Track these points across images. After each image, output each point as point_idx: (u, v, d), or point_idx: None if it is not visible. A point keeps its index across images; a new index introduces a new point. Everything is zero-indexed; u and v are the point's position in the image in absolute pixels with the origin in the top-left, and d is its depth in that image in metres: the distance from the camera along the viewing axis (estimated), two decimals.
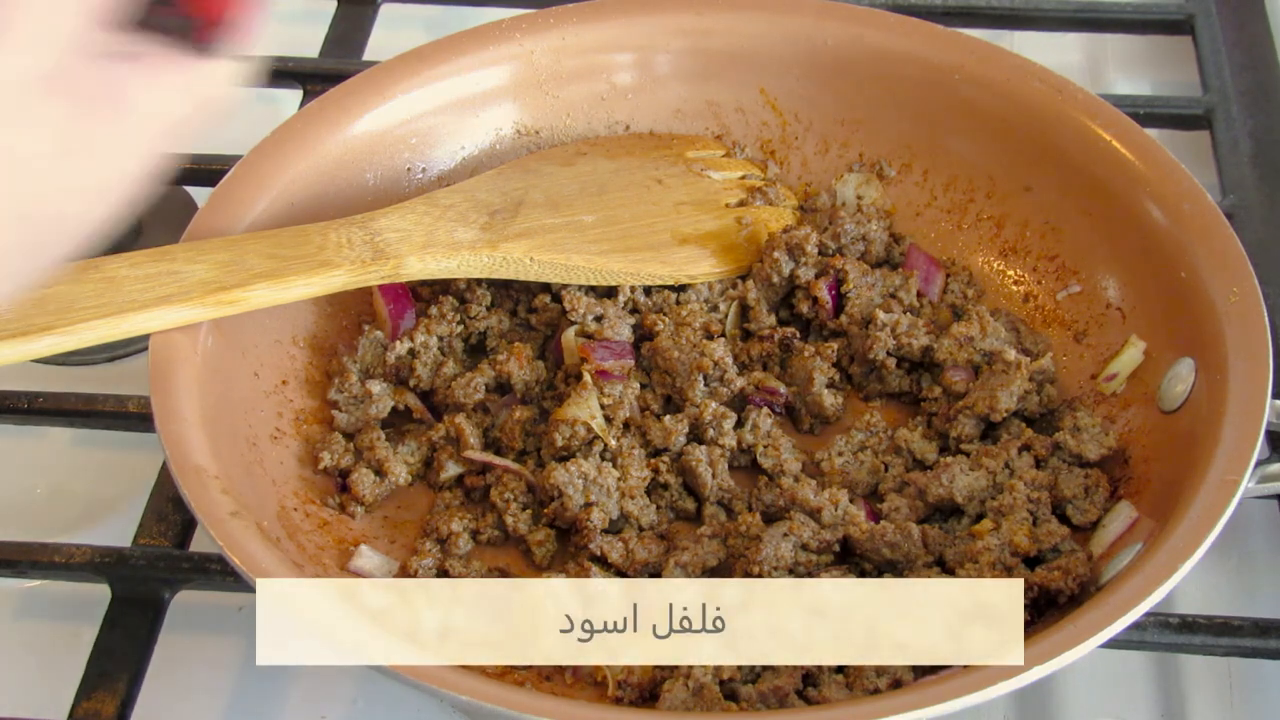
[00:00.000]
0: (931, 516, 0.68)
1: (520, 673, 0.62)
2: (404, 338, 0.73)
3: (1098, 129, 0.74)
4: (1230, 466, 0.59)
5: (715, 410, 0.70)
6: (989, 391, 0.69)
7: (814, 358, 0.73)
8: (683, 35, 0.82)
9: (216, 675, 0.68)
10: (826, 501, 0.66)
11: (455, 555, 0.67)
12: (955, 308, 0.76)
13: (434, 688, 0.52)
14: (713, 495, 0.69)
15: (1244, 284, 0.66)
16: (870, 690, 0.59)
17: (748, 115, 0.84)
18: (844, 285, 0.75)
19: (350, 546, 0.67)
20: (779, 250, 0.75)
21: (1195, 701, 0.65)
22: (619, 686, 0.61)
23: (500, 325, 0.75)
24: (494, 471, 0.69)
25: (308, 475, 0.69)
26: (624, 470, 0.68)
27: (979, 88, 0.78)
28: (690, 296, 0.76)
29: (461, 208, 0.73)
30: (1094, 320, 0.74)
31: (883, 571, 0.65)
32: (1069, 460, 0.68)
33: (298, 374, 0.72)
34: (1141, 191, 0.72)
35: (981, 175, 0.79)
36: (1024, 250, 0.78)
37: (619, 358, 0.71)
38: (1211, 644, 0.63)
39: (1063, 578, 0.61)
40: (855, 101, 0.82)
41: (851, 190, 0.82)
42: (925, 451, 0.70)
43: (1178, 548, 0.56)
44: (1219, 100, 0.89)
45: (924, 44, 0.80)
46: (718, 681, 0.59)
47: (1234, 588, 0.70)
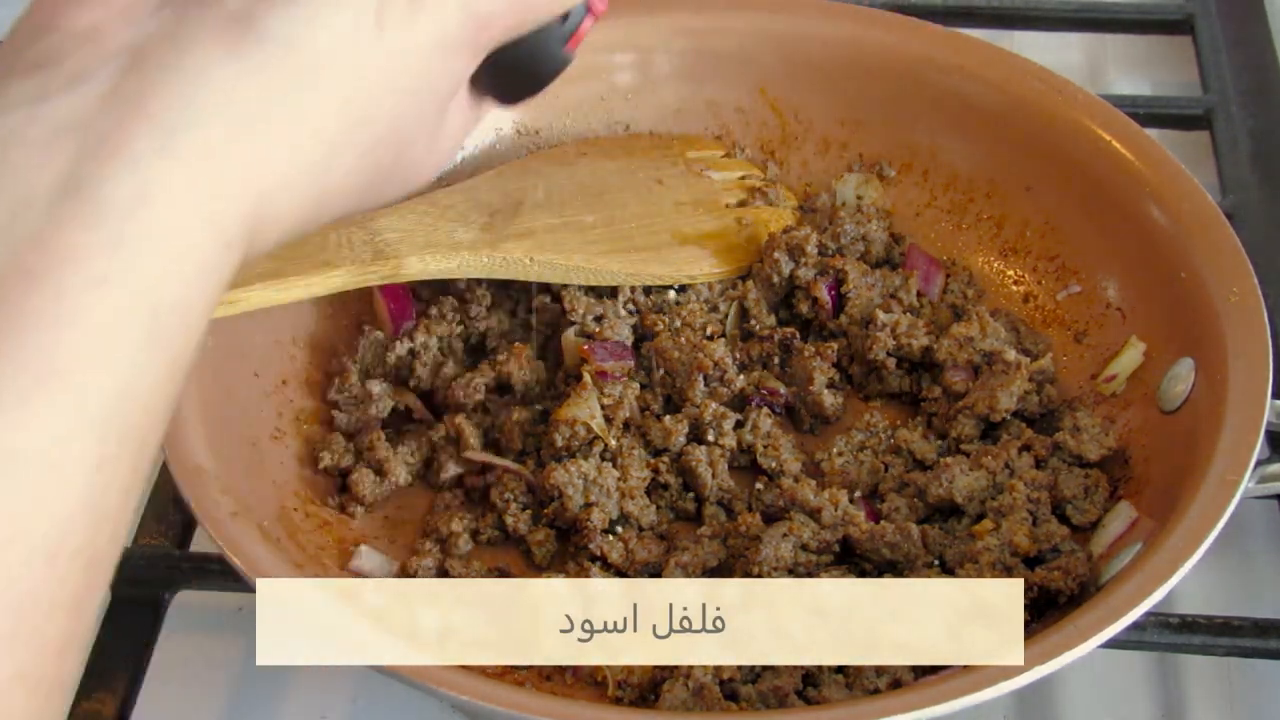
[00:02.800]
0: (931, 516, 0.68)
1: (520, 673, 0.62)
2: (404, 338, 0.73)
3: (1098, 129, 0.74)
4: (1230, 466, 0.59)
5: (715, 410, 0.70)
6: (989, 392, 0.69)
7: (814, 358, 0.73)
8: (683, 35, 0.82)
9: (216, 675, 0.67)
10: (826, 501, 0.66)
11: (455, 555, 0.67)
12: (955, 308, 0.76)
13: (434, 688, 0.52)
14: (713, 495, 0.69)
15: (1244, 284, 0.66)
16: (870, 690, 0.59)
17: (748, 115, 0.84)
18: (844, 285, 0.75)
19: (350, 546, 0.67)
20: (779, 250, 0.75)
21: (1195, 701, 0.65)
22: (619, 686, 0.61)
23: (500, 325, 0.75)
24: (494, 471, 0.69)
25: (308, 475, 0.69)
26: (624, 470, 0.68)
27: (979, 88, 0.78)
28: (690, 296, 0.76)
29: (461, 208, 0.73)
30: (1094, 320, 0.74)
31: (883, 571, 0.65)
32: (1069, 460, 0.68)
33: (298, 374, 0.72)
34: (1141, 191, 0.72)
35: (981, 175, 0.79)
36: (1024, 250, 0.78)
37: (619, 358, 0.71)
38: (1211, 644, 0.63)
39: (1063, 578, 0.61)
40: (855, 101, 0.82)
41: (851, 190, 0.82)
42: (925, 451, 0.70)
43: (1178, 548, 0.56)
44: (1219, 100, 0.89)
45: (924, 44, 0.80)
46: (718, 681, 0.59)
47: (1234, 588, 0.70)
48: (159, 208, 0.39)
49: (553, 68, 0.53)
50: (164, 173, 0.39)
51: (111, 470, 0.38)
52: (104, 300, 0.37)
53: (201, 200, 0.40)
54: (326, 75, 0.44)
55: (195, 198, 0.40)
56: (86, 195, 0.38)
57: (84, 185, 0.38)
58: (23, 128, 0.39)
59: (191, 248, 0.40)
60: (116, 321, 0.38)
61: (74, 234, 0.37)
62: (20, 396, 0.35)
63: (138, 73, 0.41)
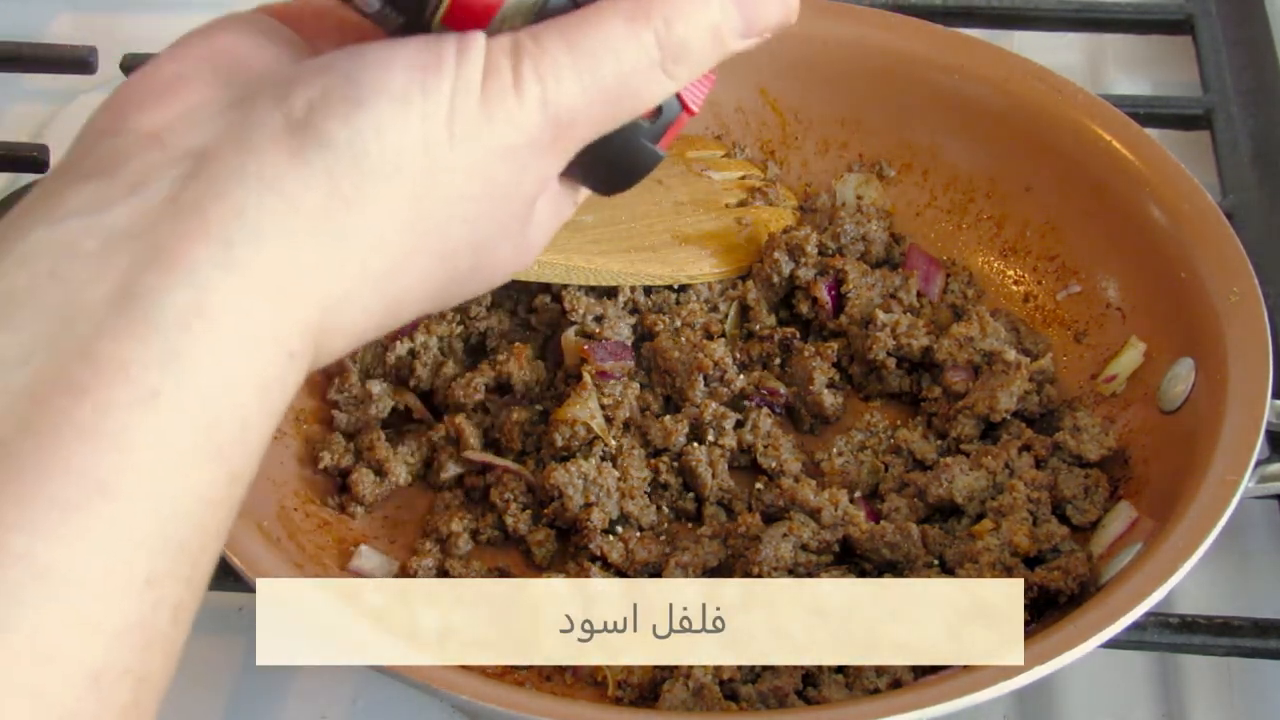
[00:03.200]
0: (931, 516, 0.68)
1: (520, 673, 0.62)
2: (404, 338, 0.73)
3: (1098, 129, 0.74)
4: (1230, 466, 0.59)
5: (715, 410, 0.70)
6: (989, 392, 0.69)
7: (814, 358, 0.73)
8: None
9: (216, 675, 0.67)
10: (826, 501, 0.66)
11: (455, 555, 0.67)
12: (955, 308, 0.76)
13: (434, 688, 0.52)
14: (713, 495, 0.69)
15: (1244, 284, 0.66)
16: (870, 690, 0.59)
17: (748, 115, 0.84)
18: (844, 285, 0.75)
19: (350, 546, 0.67)
20: (779, 250, 0.75)
21: (1195, 701, 0.65)
22: (619, 686, 0.61)
23: (500, 325, 0.75)
24: (494, 471, 0.69)
25: (308, 475, 0.69)
26: (624, 470, 0.68)
27: (979, 87, 0.78)
28: (690, 296, 0.76)
29: None
30: (1094, 320, 0.74)
31: (883, 571, 0.65)
32: (1069, 460, 0.68)
33: None
34: (1142, 191, 0.72)
35: (981, 175, 0.79)
36: (1024, 250, 0.78)
37: (619, 358, 0.71)
38: (1211, 644, 0.63)
39: (1063, 578, 0.61)
40: (855, 101, 0.82)
41: (851, 190, 0.82)
42: (925, 451, 0.70)
43: (1178, 548, 0.56)
44: (1219, 100, 0.89)
45: (924, 44, 0.80)
46: (718, 681, 0.59)
47: (1234, 588, 0.70)
48: (216, 320, 0.37)
49: (644, 164, 0.50)
50: (221, 284, 0.38)
51: (162, 589, 0.36)
52: (154, 415, 0.36)
53: (262, 313, 0.39)
54: (394, 184, 0.42)
55: (255, 310, 0.38)
56: (140, 307, 0.36)
57: (138, 297, 0.37)
58: (79, 238, 0.38)
59: (250, 361, 0.38)
60: (168, 437, 0.36)
61: (125, 347, 0.36)
62: (62, 512, 0.34)
63: (198, 180, 0.39)
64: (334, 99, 0.41)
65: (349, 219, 0.41)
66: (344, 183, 0.41)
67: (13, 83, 1.00)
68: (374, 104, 0.41)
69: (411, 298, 0.45)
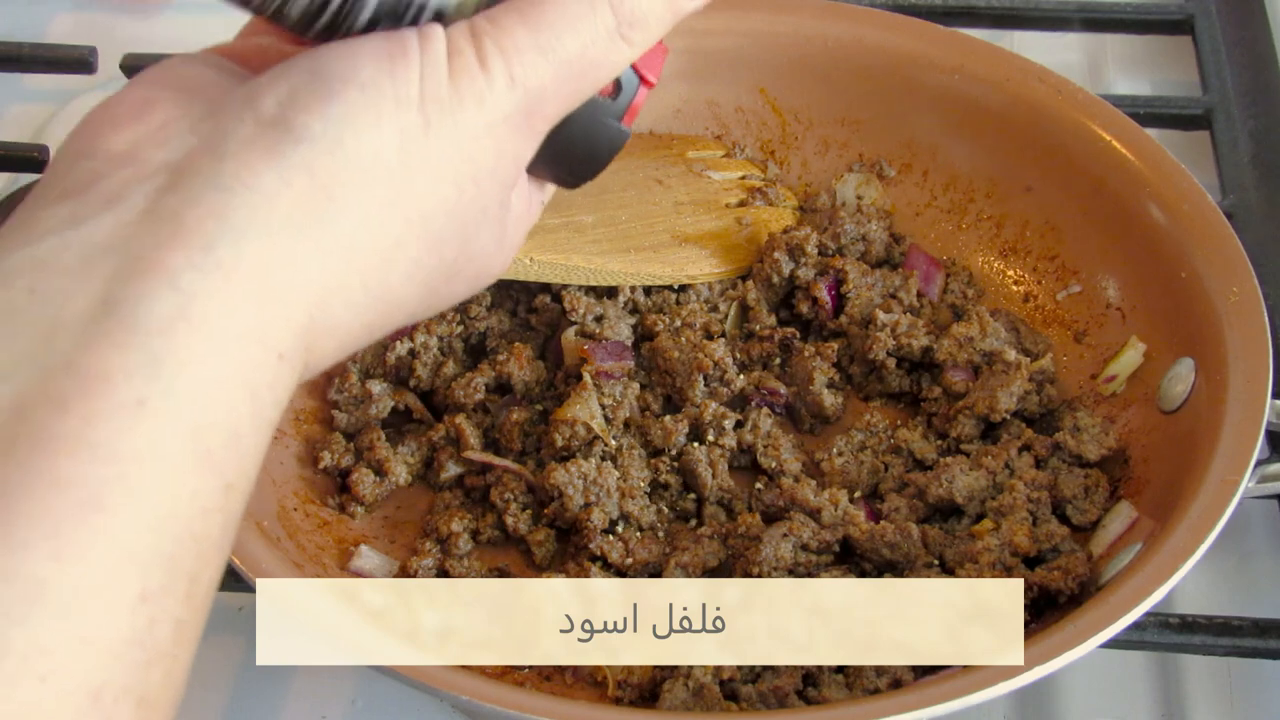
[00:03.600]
0: (931, 516, 0.68)
1: (520, 673, 0.62)
2: (404, 338, 0.73)
3: (1098, 129, 0.74)
4: (1230, 466, 0.59)
5: (715, 410, 0.70)
6: (989, 392, 0.69)
7: (814, 358, 0.73)
8: (683, 35, 0.81)
9: (216, 675, 0.67)
10: (826, 501, 0.66)
11: (455, 555, 0.67)
12: (955, 308, 0.76)
13: (434, 688, 0.52)
14: (713, 495, 0.69)
15: (1244, 284, 0.66)
16: (870, 690, 0.59)
17: (748, 115, 0.84)
18: (844, 285, 0.75)
19: (350, 546, 0.67)
20: (779, 250, 0.75)
21: (1195, 701, 0.65)
22: (619, 686, 0.61)
23: (500, 325, 0.75)
24: (494, 471, 0.69)
25: (308, 475, 0.69)
26: (624, 470, 0.68)
27: (979, 88, 0.78)
28: (690, 296, 0.76)
29: None
30: (1094, 320, 0.74)
31: (883, 571, 0.65)
32: (1069, 460, 0.68)
33: None
34: (1142, 192, 0.72)
35: (981, 175, 0.79)
36: (1024, 250, 0.78)
37: (619, 358, 0.71)
38: (1211, 644, 0.63)
39: (1063, 578, 0.61)
40: (855, 101, 0.82)
41: (851, 190, 0.82)
42: (925, 451, 0.70)
43: (1178, 548, 0.56)
44: (1219, 100, 0.89)
45: (924, 44, 0.80)
46: (718, 681, 0.59)
47: (1234, 588, 0.70)
48: (199, 324, 0.37)
49: (611, 144, 0.51)
50: (203, 287, 0.37)
51: (159, 604, 0.36)
52: (141, 423, 0.35)
53: (246, 313, 0.38)
54: (372, 171, 0.41)
55: (239, 311, 0.38)
56: (121, 316, 0.36)
57: (118, 306, 0.36)
58: (57, 255, 0.37)
59: (238, 364, 0.38)
60: (156, 445, 0.35)
61: (107, 356, 0.35)
62: (52, 527, 0.33)
63: (174, 190, 0.39)
64: (303, 94, 0.41)
65: (329, 210, 0.41)
66: (322, 174, 0.41)
67: (13, 83, 1.00)
68: (344, 94, 0.41)
69: (401, 295, 0.45)
